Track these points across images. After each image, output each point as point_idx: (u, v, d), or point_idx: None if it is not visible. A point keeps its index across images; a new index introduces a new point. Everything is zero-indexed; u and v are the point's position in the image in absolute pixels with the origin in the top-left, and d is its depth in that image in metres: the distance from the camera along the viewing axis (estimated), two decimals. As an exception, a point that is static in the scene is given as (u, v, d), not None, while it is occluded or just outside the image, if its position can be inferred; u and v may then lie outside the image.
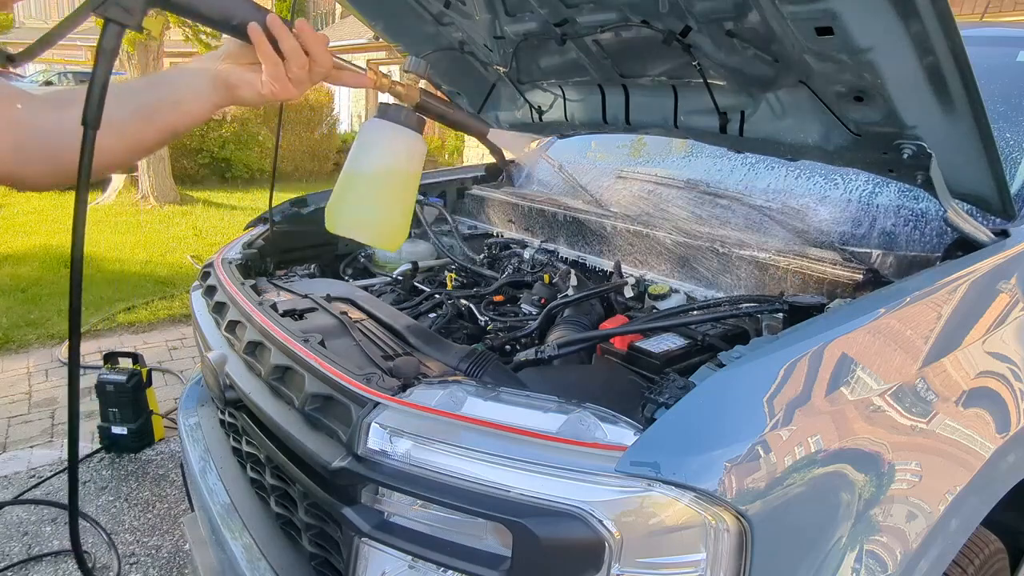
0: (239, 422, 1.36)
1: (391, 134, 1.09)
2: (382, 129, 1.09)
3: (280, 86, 0.89)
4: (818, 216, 1.63)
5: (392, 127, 1.08)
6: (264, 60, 0.88)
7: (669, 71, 1.60)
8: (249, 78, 0.90)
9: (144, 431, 2.89)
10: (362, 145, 1.11)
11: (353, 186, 1.10)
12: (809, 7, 1.07)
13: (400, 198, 1.13)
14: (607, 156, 2.45)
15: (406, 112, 1.08)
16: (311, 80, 0.91)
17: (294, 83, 0.90)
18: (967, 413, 1.09)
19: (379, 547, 0.93)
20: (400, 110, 1.08)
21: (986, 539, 1.26)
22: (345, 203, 1.12)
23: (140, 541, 2.36)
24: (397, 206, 1.13)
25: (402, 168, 1.11)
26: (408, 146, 1.10)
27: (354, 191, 1.10)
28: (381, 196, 1.11)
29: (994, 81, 1.66)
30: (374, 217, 1.12)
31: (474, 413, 0.92)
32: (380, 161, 1.09)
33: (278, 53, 0.87)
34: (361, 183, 1.10)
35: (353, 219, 1.12)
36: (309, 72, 0.90)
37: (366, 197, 1.10)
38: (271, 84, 0.89)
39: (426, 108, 1.10)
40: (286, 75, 0.89)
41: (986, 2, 7.06)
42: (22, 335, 4.06)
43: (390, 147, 1.09)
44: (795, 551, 0.87)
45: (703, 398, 0.86)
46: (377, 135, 1.10)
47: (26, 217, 7.36)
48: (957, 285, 1.11)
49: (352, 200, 1.11)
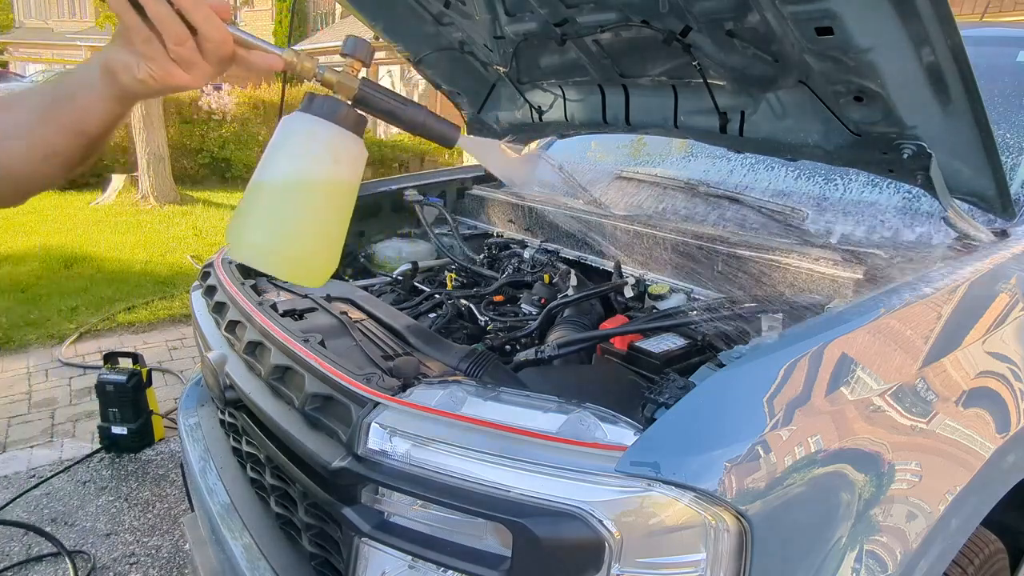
0: (239, 422, 1.36)
1: (318, 134, 0.80)
2: (306, 127, 0.80)
3: (160, 69, 0.70)
4: (818, 216, 1.63)
5: (319, 124, 0.80)
6: (132, 34, 0.69)
7: (669, 71, 1.60)
8: (126, 60, 0.70)
9: (144, 431, 2.89)
10: (278, 147, 0.81)
11: (260, 199, 0.79)
12: (809, 7, 1.07)
13: (324, 216, 0.82)
14: (607, 156, 2.45)
15: (339, 106, 0.81)
16: (210, 61, 0.71)
17: (182, 65, 0.70)
18: (967, 413, 1.09)
19: (379, 547, 0.93)
20: (331, 102, 0.81)
21: (986, 539, 1.26)
22: (248, 222, 0.79)
23: (140, 541, 2.36)
24: (320, 226, 0.82)
25: (330, 179, 0.81)
26: (340, 151, 0.81)
27: (262, 207, 0.79)
28: (299, 215, 0.80)
29: (994, 81, 1.66)
30: (287, 243, 0.80)
31: (474, 413, 0.92)
32: (300, 169, 0.80)
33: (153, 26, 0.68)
34: (272, 197, 0.79)
35: (258, 244, 0.79)
36: (202, 51, 0.70)
37: (276, 214, 0.79)
38: (147, 66, 0.70)
39: (368, 102, 0.83)
40: (167, 54, 0.69)
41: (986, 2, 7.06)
42: (22, 335, 4.06)
43: (315, 151, 0.80)
44: (795, 551, 0.87)
45: (703, 398, 0.86)
46: (297, 134, 0.81)
47: (26, 217, 7.36)
48: (957, 285, 1.11)
49: (258, 219, 0.79)
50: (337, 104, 0.81)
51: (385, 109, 0.85)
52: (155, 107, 8.20)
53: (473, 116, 2.37)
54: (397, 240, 2.27)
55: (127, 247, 6.25)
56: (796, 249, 1.47)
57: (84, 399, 3.34)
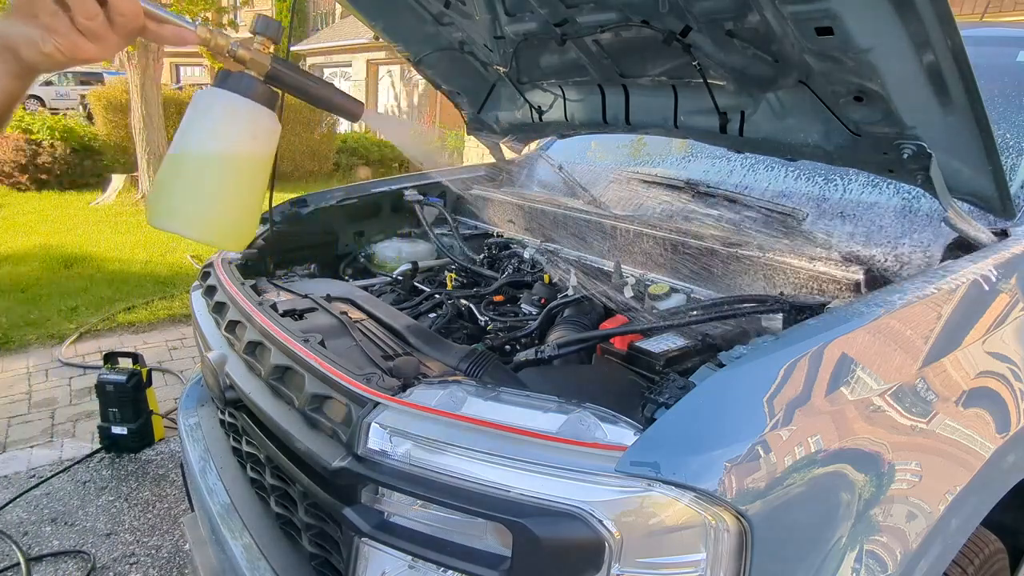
0: (239, 422, 1.36)
1: (234, 108, 0.86)
2: (221, 101, 0.86)
3: (67, 42, 0.69)
4: (818, 216, 1.63)
5: (235, 99, 0.85)
6: (38, 8, 0.69)
7: (669, 71, 1.60)
8: (29, 34, 0.69)
9: (144, 431, 2.89)
10: (195, 120, 0.87)
11: (183, 171, 0.86)
12: (809, 7, 1.07)
13: (244, 187, 0.89)
14: (607, 156, 2.45)
15: (252, 82, 0.87)
16: (119, 34, 0.72)
17: (90, 37, 0.70)
18: (967, 413, 1.09)
19: (379, 547, 0.93)
20: (244, 78, 0.87)
21: (986, 539, 1.26)
22: (171, 192, 0.86)
23: (140, 541, 2.36)
24: (240, 197, 0.89)
25: (248, 150, 0.88)
26: (255, 123, 0.87)
27: (184, 177, 0.86)
28: (220, 184, 0.87)
29: (994, 81, 1.66)
30: (209, 209, 0.87)
31: (474, 413, 0.92)
32: (219, 140, 0.86)
33: None
34: (193, 167, 0.86)
35: (182, 211, 0.85)
36: (111, 24, 0.71)
37: (199, 184, 0.86)
38: (54, 40, 0.69)
39: (280, 79, 0.89)
40: (74, 27, 0.69)
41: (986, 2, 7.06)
42: (22, 335, 4.06)
43: (232, 123, 0.86)
44: (795, 551, 0.87)
45: (703, 398, 0.86)
46: (215, 108, 0.87)
47: (26, 217, 7.37)
48: (957, 285, 1.11)
49: (180, 188, 0.86)
50: (250, 80, 0.87)
51: (295, 85, 0.92)
52: (155, 107, 8.20)
53: (473, 116, 2.37)
54: (397, 240, 2.27)
55: (127, 247, 6.25)
56: (796, 249, 1.47)
57: (84, 399, 3.34)
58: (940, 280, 1.11)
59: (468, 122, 2.42)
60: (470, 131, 2.45)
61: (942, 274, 1.13)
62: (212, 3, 7.86)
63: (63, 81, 18.17)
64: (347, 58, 18.39)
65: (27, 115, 9.51)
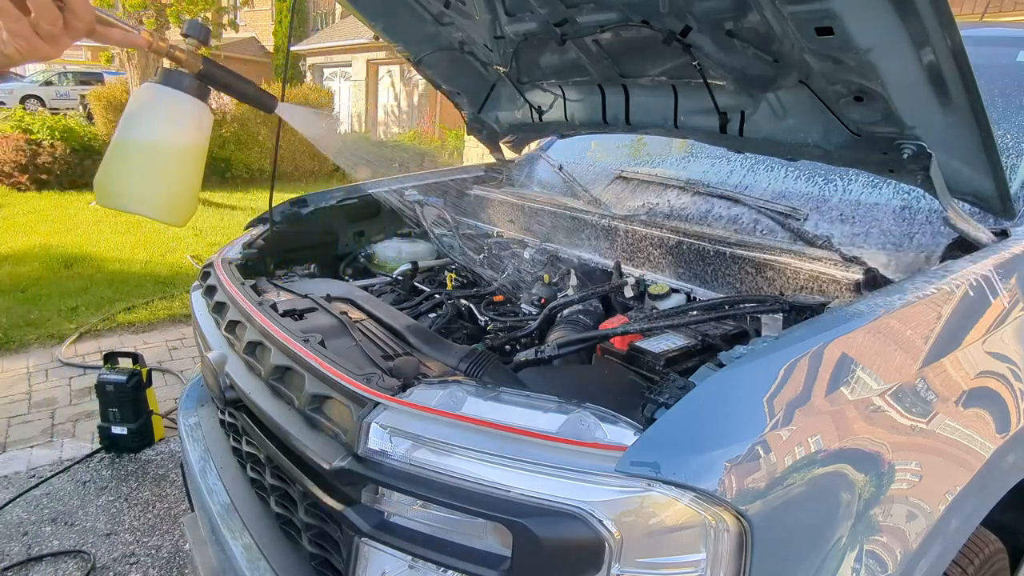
0: (239, 422, 1.36)
1: (177, 101, 1.02)
2: (166, 96, 1.02)
3: (27, 44, 0.77)
4: (818, 216, 1.63)
5: (177, 94, 1.02)
6: (3, 15, 0.76)
7: (669, 71, 1.60)
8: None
9: (144, 431, 2.89)
10: (141, 112, 1.02)
11: (133, 156, 1.01)
12: (809, 7, 1.07)
13: (189, 169, 1.07)
14: (607, 156, 2.45)
15: (188, 78, 1.03)
16: (71, 35, 0.80)
17: (46, 39, 0.78)
18: (967, 413, 1.09)
19: (379, 547, 0.93)
20: (183, 76, 1.03)
21: (986, 539, 1.26)
22: (124, 174, 1.01)
23: (140, 541, 2.36)
24: (185, 178, 1.06)
25: (191, 138, 1.05)
26: (197, 115, 1.05)
27: (135, 161, 1.01)
28: (168, 167, 1.03)
29: (994, 81, 1.66)
30: (160, 189, 1.03)
31: (474, 413, 0.92)
32: (168, 130, 1.02)
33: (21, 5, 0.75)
34: (141, 153, 1.01)
35: (135, 191, 1.01)
36: (66, 27, 0.79)
37: (149, 168, 1.01)
38: (15, 43, 0.77)
39: (211, 77, 1.05)
40: (33, 31, 0.77)
41: (986, 2, 7.06)
42: (22, 335, 4.06)
43: (177, 115, 1.02)
44: (795, 551, 0.87)
45: (703, 398, 0.86)
46: (160, 102, 1.02)
47: (26, 217, 7.37)
48: (957, 285, 1.11)
49: (133, 171, 1.01)
50: (186, 77, 1.03)
51: (222, 82, 1.09)
52: (155, 107, 8.19)
53: (473, 116, 2.37)
54: (397, 240, 2.27)
55: (127, 247, 6.25)
56: (796, 249, 1.47)
57: (84, 399, 3.34)
58: (940, 280, 1.11)
59: (468, 122, 2.42)
60: (470, 131, 2.45)
61: (942, 274, 1.13)
62: (212, 3, 7.86)
63: (63, 81, 18.18)
64: (347, 58, 18.39)
65: (27, 115, 9.50)
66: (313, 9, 22.51)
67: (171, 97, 1.02)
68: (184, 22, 1.09)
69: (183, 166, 1.05)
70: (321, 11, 22.36)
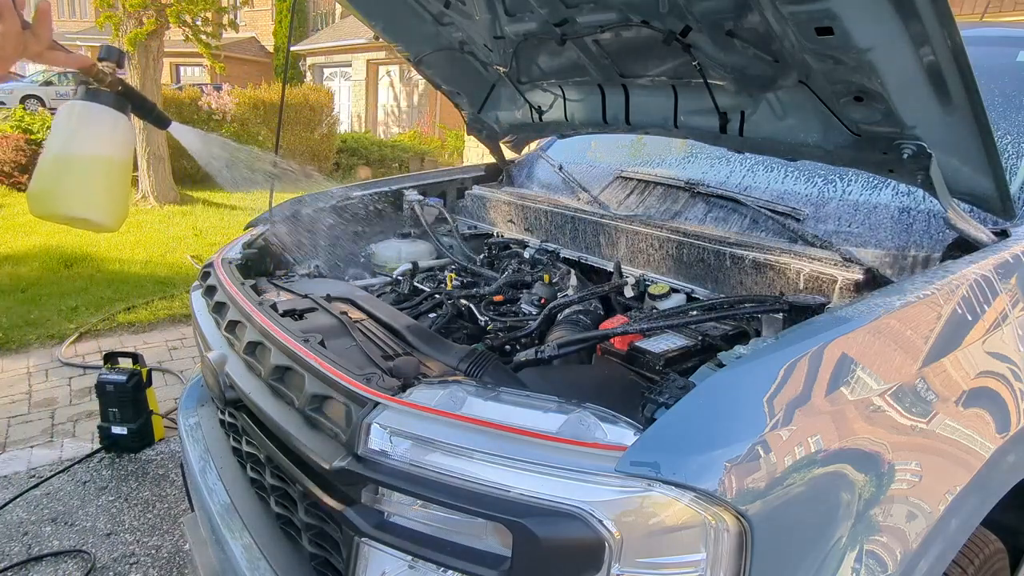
0: (239, 422, 1.36)
1: (115, 118, 1.15)
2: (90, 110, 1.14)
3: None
4: (818, 216, 1.63)
5: (107, 109, 1.14)
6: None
7: (669, 71, 1.60)
8: None
9: (144, 431, 2.89)
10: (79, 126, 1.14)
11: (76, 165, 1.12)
12: (809, 7, 1.07)
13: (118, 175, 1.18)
14: (607, 156, 2.45)
15: (114, 96, 1.15)
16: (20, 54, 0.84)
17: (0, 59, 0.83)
18: (967, 413, 1.09)
19: (379, 547, 0.93)
20: (111, 95, 1.15)
21: (986, 539, 1.26)
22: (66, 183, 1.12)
23: (140, 541, 2.36)
24: (122, 185, 1.19)
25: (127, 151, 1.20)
26: (125, 127, 1.18)
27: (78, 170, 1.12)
28: (109, 174, 1.15)
29: (994, 81, 1.66)
30: (101, 195, 1.15)
31: (474, 413, 0.92)
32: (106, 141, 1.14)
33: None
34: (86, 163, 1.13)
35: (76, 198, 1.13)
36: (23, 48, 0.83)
37: (91, 176, 1.13)
38: None
39: (127, 94, 1.18)
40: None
41: (986, 2, 7.06)
42: (22, 335, 4.06)
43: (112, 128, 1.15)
44: (795, 551, 0.87)
45: (703, 398, 0.86)
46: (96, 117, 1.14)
47: (26, 217, 7.36)
48: (957, 285, 1.11)
49: (76, 180, 1.12)
50: (111, 95, 1.16)
51: (135, 101, 1.21)
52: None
53: (473, 116, 2.37)
54: (397, 240, 2.27)
55: (127, 247, 6.25)
56: (795, 249, 1.47)
57: (84, 399, 3.34)
58: (940, 280, 1.11)
59: (468, 122, 2.42)
60: (470, 131, 2.45)
61: (942, 274, 1.13)
62: (212, 3, 7.86)
63: (63, 81, 18.17)
64: (347, 58, 18.40)
65: (27, 115, 9.51)
66: (313, 9, 22.51)
67: (104, 112, 1.14)
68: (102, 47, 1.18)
69: (122, 173, 1.18)
70: (321, 11, 22.36)
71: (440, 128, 14.84)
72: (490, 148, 2.51)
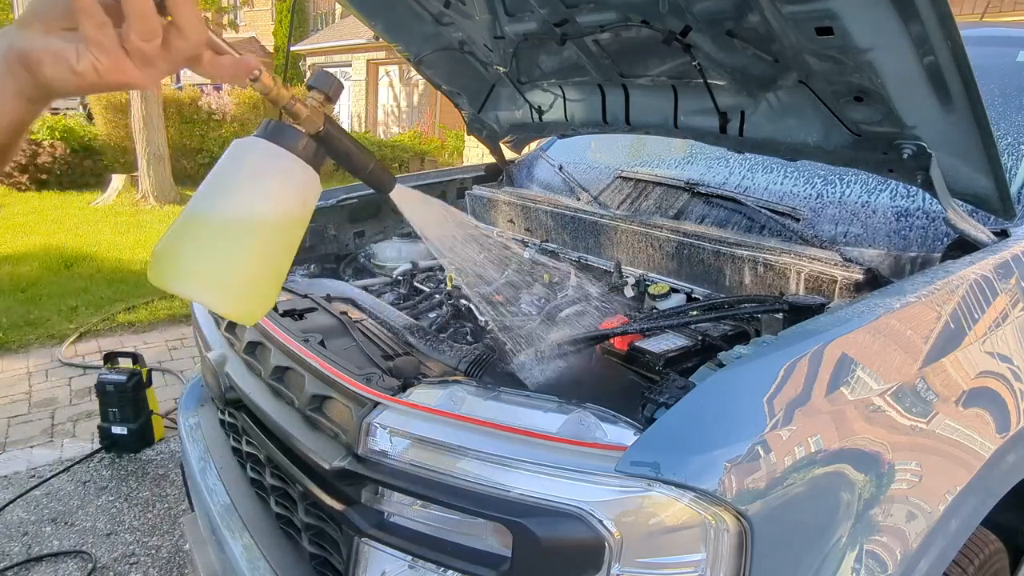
0: (239, 422, 1.36)
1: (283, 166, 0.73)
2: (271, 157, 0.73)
3: (110, 61, 0.54)
4: (818, 216, 1.63)
5: (285, 156, 0.73)
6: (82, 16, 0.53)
7: (669, 71, 1.60)
8: (58, 48, 0.54)
9: (144, 431, 2.89)
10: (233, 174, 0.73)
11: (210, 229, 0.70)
12: (809, 7, 1.07)
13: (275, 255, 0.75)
14: (607, 156, 2.45)
15: (302, 138, 0.74)
16: (170, 60, 0.57)
17: (137, 60, 0.56)
18: (967, 413, 1.09)
19: (379, 547, 0.93)
20: (298, 135, 0.74)
21: (986, 539, 1.26)
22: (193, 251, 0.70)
23: (140, 541, 2.36)
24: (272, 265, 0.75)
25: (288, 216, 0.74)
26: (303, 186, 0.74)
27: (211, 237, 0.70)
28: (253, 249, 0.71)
29: (994, 81, 1.66)
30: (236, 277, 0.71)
31: (474, 413, 0.92)
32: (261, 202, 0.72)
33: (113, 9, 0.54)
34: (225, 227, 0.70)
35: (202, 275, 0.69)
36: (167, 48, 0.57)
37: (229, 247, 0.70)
38: (94, 57, 0.54)
39: (329, 140, 0.79)
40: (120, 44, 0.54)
41: (986, 2, 7.06)
42: (22, 335, 4.06)
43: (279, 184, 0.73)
44: (795, 551, 0.87)
45: (703, 398, 0.86)
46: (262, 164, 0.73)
47: (26, 217, 7.37)
48: (957, 285, 1.11)
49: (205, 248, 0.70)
50: (300, 135, 0.74)
51: (342, 151, 0.81)
52: (155, 107, 8.21)
53: (473, 116, 2.37)
54: (397, 240, 2.27)
55: (127, 247, 6.25)
56: (795, 250, 1.47)
57: (84, 399, 3.34)
58: (940, 280, 1.11)
59: (468, 122, 2.42)
60: (470, 131, 2.45)
61: (942, 274, 1.13)
62: (212, 3, 7.85)
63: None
64: (347, 58, 18.38)
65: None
66: (313, 9, 22.51)
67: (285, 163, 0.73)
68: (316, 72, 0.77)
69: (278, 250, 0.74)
70: (321, 11, 22.36)
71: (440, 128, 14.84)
72: (490, 148, 2.51)
